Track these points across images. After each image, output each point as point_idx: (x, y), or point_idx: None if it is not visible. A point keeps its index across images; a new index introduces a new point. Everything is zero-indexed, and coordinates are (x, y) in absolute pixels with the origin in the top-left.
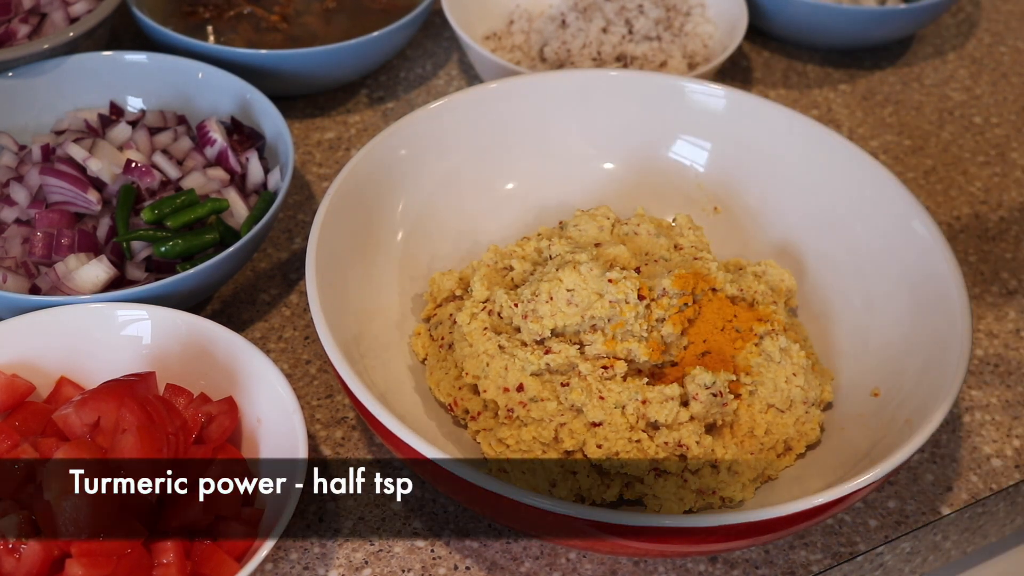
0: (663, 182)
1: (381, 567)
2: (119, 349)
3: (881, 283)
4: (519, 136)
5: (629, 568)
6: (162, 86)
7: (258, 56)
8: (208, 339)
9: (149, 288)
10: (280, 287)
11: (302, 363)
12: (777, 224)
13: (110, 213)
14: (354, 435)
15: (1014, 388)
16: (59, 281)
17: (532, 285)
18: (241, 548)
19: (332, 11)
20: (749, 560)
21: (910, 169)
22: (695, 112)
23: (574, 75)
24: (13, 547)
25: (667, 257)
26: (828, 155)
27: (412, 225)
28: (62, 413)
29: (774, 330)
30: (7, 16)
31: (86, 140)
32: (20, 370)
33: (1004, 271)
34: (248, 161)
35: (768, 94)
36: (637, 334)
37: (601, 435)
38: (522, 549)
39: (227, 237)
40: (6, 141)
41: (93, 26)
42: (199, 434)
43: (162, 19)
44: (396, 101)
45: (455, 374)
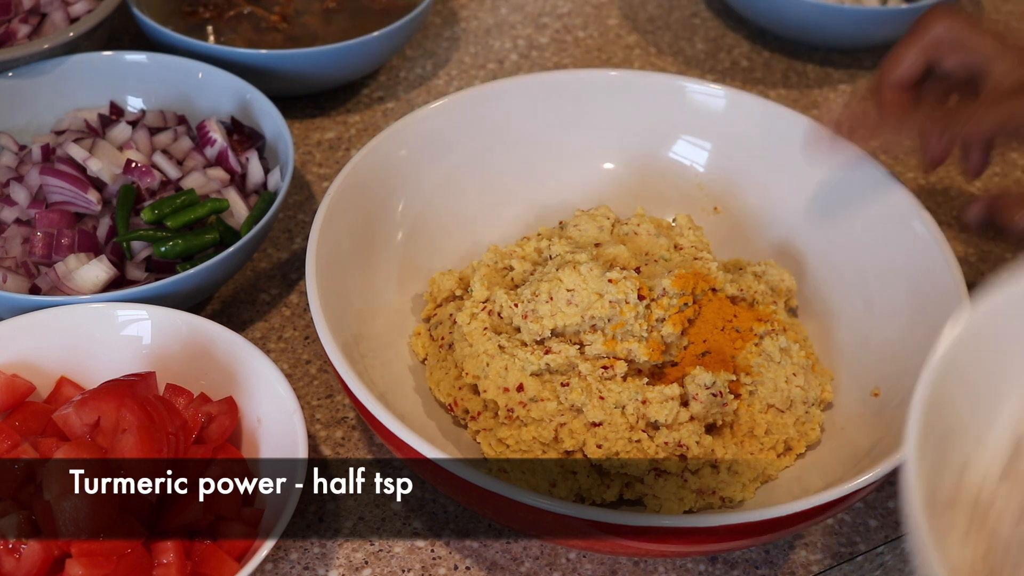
0: (663, 182)
1: (381, 567)
2: (119, 349)
3: (881, 283)
4: (519, 136)
5: (629, 568)
6: (162, 86)
7: (258, 56)
8: (208, 339)
9: (149, 288)
10: (280, 287)
11: (302, 363)
12: (777, 224)
13: (110, 213)
14: (354, 435)
15: None
16: (59, 281)
17: (532, 285)
18: (241, 548)
19: (332, 11)
20: (749, 560)
21: (910, 169)
22: (695, 112)
23: (574, 75)
24: (13, 547)
25: (667, 257)
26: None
27: (412, 225)
28: (62, 413)
29: (774, 330)
30: (7, 16)
31: (86, 140)
32: (20, 370)
33: (1004, 271)
34: (248, 161)
35: (768, 94)
36: (637, 334)
37: (601, 435)
38: (522, 549)
39: (227, 237)
40: (6, 141)
41: (93, 26)
42: (199, 434)
43: (162, 19)
44: (396, 101)
45: (455, 374)
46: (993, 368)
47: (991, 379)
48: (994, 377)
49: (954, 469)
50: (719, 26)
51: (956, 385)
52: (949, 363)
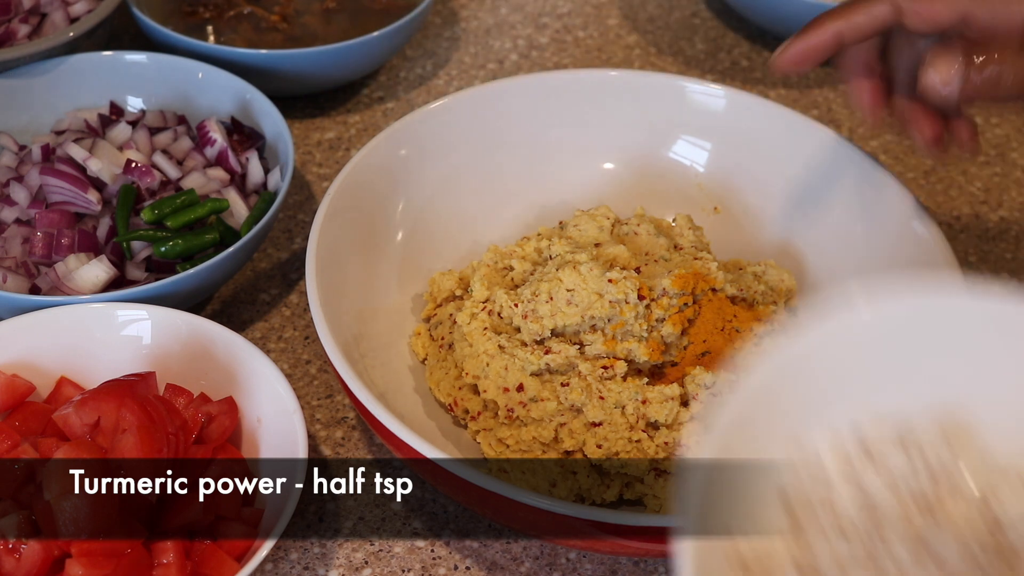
0: (663, 182)
1: (381, 567)
2: (119, 349)
3: None
4: (519, 136)
5: (629, 568)
6: (162, 86)
7: (258, 56)
8: (208, 339)
9: (149, 288)
10: (280, 287)
11: (302, 363)
12: (777, 224)
13: (110, 213)
14: (354, 435)
15: None
16: (59, 281)
17: (532, 285)
18: (241, 548)
19: (332, 11)
20: None
21: (910, 169)
22: (695, 112)
23: (574, 75)
24: (13, 547)
25: (667, 257)
26: (828, 155)
27: (412, 225)
28: (62, 413)
29: (774, 330)
30: (7, 16)
31: (86, 140)
32: (20, 370)
33: (1004, 271)
34: (248, 161)
35: (768, 94)
36: (637, 334)
37: (601, 435)
38: (522, 549)
39: (227, 237)
40: (6, 141)
41: (93, 26)
42: (199, 434)
43: (162, 19)
44: (396, 101)
45: (455, 374)
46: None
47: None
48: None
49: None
50: (719, 26)
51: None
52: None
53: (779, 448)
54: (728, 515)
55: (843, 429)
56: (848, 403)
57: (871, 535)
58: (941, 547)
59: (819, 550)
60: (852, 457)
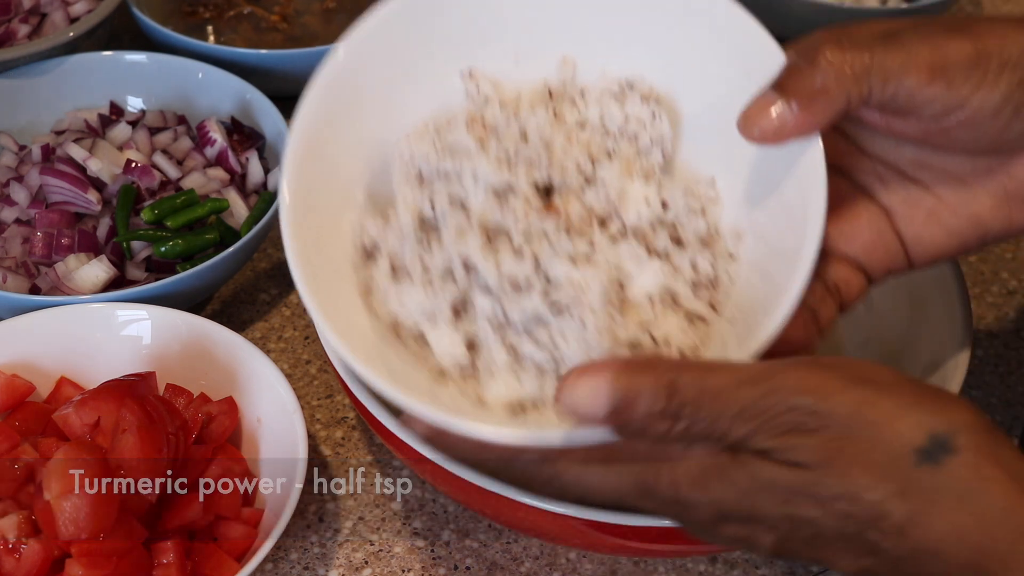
0: None
1: (381, 567)
2: (119, 349)
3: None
4: None
5: (629, 568)
6: (162, 86)
7: (258, 56)
8: (208, 339)
9: (149, 288)
10: (280, 287)
11: (302, 363)
12: None
13: (110, 213)
14: (354, 435)
15: (1014, 388)
16: (59, 281)
17: None
18: (241, 548)
19: (332, 11)
20: (749, 560)
21: None
22: None
23: None
24: (13, 547)
25: None
26: None
27: None
28: (62, 413)
29: None
30: (7, 16)
31: (86, 140)
32: (20, 370)
33: (1004, 271)
34: (248, 161)
35: None
36: None
37: None
38: (522, 549)
39: (227, 237)
40: (6, 141)
41: (93, 26)
42: (199, 434)
43: (162, 19)
44: None
45: None
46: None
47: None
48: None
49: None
50: None
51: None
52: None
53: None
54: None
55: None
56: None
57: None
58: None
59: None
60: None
